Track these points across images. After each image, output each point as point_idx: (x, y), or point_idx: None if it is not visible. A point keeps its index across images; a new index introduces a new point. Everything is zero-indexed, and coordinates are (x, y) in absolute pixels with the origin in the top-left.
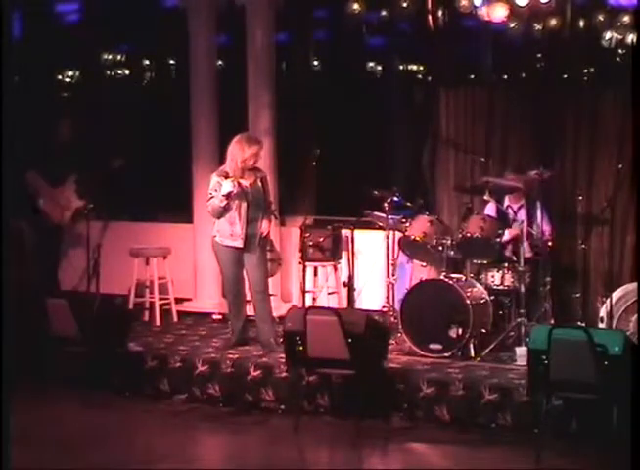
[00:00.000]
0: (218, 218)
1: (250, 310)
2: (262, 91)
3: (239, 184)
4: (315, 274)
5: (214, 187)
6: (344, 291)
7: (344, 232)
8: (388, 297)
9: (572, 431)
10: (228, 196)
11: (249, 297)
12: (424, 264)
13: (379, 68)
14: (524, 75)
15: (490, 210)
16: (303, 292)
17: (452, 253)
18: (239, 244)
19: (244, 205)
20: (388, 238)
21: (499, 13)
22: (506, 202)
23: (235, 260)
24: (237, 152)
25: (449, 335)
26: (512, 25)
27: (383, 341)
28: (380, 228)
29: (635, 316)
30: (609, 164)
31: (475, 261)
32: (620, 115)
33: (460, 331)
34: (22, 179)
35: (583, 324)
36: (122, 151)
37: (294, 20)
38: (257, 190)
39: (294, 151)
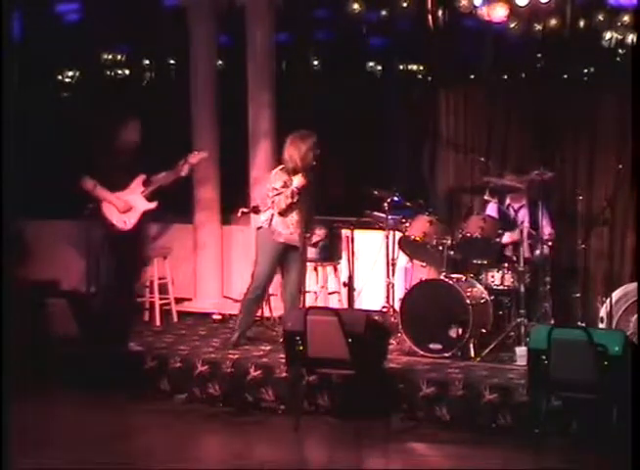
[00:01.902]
0: (284, 215)
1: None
2: (262, 91)
3: (305, 181)
4: (315, 274)
5: (281, 183)
6: (344, 291)
7: (344, 232)
8: (387, 297)
9: (572, 431)
10: (299, 190)
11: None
12: (424, 264)
13: (379, 68)
14: (524, 75)
15: (491, 210)
16: (303, 292)
17: (452, 253)
18: (297, 243)
19: (304, 203)
20: (387, 238)
21: (499, 13)
22: (507, 202)
23: (278, 259)
24: (294, 151)
25: (449, 335)
26: (512, 25)
27: (383, 341)
28: (380, 228)
29: (635, 316)
30: (609, 165)
31: (475, 261)
32: (620, 115)
33: (460, 331)
34: (75, 183)
35: (583, 324)
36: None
37: (294, 20)
38: (312, 191)
39: None
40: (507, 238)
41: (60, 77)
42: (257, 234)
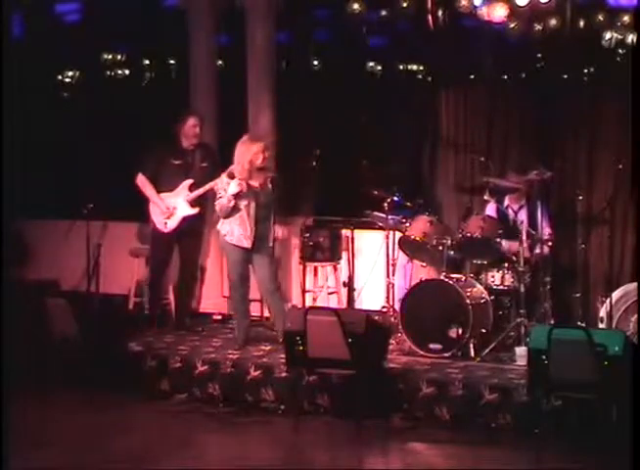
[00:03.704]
0: (226, 218)
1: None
2: (262, 91)
3: (248, 185)
4: (315, 274)
5: (222, 187)
6: (344, 291)
7: (344, 232)
8: (387, 297)
9: (572, 431)
10: (236, 196)
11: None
12: (424, 264)
13: (379, 68)
14: (524, 75)
15: (491, 210)
16: (303, 292)
17: (452, 253)
18: (247, 244)
19: (253, 205)
20: (387, 238)
21: (499, 13)
22: (506, 202)
23: (243, 260)
24: (243, 152)
25: (449, 335)
26: (512, 25)
27: (383, 341)
28: (380, 228)
29: (635, 316)
30: (609, 165)
31: (475, 261)
32: (620, 115)
33: (460, 331)
34: (130, 181)
35: (583, 324)
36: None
37: (294, 20)
38: (267, 191)
39: (294, 151)
40: (505, 246)
41: (60, 77)
42: (220, 238)
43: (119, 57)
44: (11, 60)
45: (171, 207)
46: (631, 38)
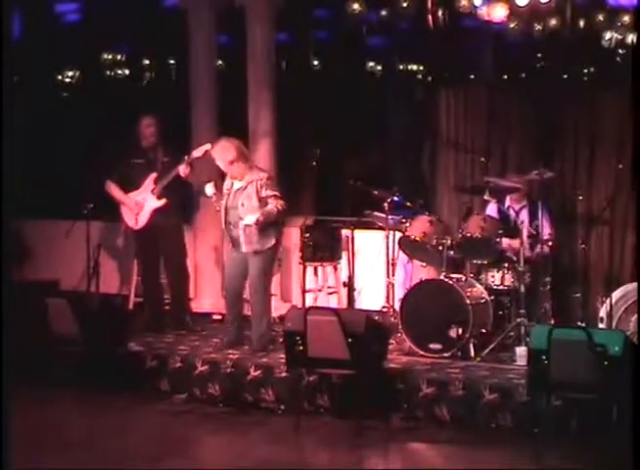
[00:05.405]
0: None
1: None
2: (262, 91)
3: (230, 186)
4: (315, 274)
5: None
6: (344, 291)
7: (344, 232)
8: (387, 297)
9: (572, 431)
10: (211, 198)
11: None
12: (424, 264)
13: (379, 68)
14: (524, 75)
15: (492, 210)
16: (303, 292)
17: (452, 253)
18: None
19: (223, 208)
20: (387, 238)
21: (499, 13)
22: (507, 202)
23: (233, 261)
24: (215, 156)
25: (449, 335)
26: (512, 25)
27: (383, 341)
28: (380, 228)
29: (635, 316)
30: (609, 165)
31: (475, 261)
32: (620, 115)
33: (460, 331)
34: (101, 187)
35: (583, 324)
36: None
37: (294, 20)
38: (247, 193)
39: (294, 151)
40: (505, 244)
41: (60, 77)
42: None
43: (119, 57)
44: (11, 60)
45: (139, 202)
46: (631, 38)
